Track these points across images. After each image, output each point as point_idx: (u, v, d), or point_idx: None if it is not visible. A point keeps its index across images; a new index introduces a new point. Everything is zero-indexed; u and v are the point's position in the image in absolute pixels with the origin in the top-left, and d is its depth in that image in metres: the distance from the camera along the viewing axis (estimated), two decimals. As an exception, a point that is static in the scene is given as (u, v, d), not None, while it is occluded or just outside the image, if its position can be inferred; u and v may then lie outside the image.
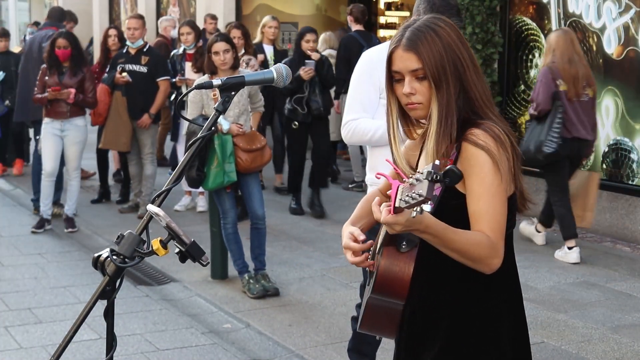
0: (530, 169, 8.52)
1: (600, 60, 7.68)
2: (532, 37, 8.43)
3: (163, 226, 2.18)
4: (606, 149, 7.68)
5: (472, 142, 2.25)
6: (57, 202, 8.55)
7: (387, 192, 2.03)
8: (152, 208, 2.20)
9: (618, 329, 5.36)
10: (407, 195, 1.92)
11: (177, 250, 2.22)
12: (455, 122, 2.28)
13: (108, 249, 2.21)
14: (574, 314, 5.62)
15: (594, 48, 7.74)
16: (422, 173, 1.90)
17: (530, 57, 8.45)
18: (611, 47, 7.57)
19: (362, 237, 2.40)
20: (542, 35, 8.29)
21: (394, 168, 2.17)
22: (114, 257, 2.19)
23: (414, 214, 1.93)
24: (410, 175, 1.97)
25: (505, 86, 8.72)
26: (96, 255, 2.25)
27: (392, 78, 2.37)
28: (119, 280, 2.23)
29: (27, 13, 24.91)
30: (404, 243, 2.25)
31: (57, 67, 7.83)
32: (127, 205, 8.90)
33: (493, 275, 2.28)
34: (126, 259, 2.19)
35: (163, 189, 2.26)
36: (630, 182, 7.49)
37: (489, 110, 2.34)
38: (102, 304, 2.23)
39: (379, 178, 2.16)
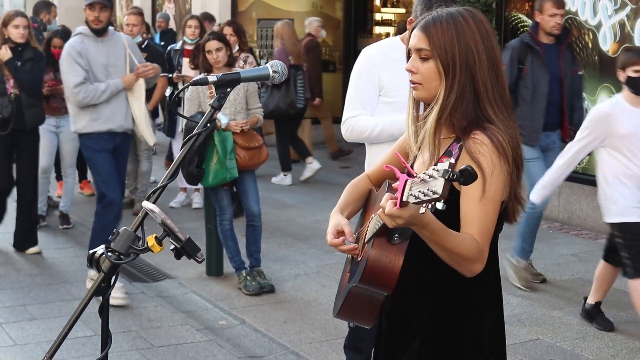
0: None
1: (596, 58, 7.68)
2: (527, 34, 8.42)
3: (158, 223, 2.18)
4: (601, 146, 7.68)
5: (475, 146, 2.26)
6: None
7: (394, 185, 2.02)
8: (147, 205, 2.19)
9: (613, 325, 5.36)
10: (419, 191, 1.92)
11: (172, 246, 2.22)
12: (460, 112, 2.30)
13: (103, 246, 2.21)
14: (569, 310, 5.62)
15: (590, 45, 7.74)
16: (437, 170, 1.90)
17: (526, 54, 8.44)
18: (607, 44, 7.58)
19: (347, 228, 2.45)
20: (537, 32, 8.29)
21: (402, 162, 2.16)
22: (109, 253, 2.18)
23: (423, 210, 1.93)
24: (424, 172, 1.96)
25: (501, 83, 8.70)
26: (91, 251, 2.24)
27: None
28: (114, 277, 2.22)
29: (23, 9, 24.84)
30: (397, 235, 2.25)
31: (53, 64, 7.83)
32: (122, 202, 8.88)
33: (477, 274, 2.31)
34: (121, 256, 2.19)
35: (158, 185, 2.26)
36: (625, 179, 7.49)
37: (490, 109, 2.32)
38: (97, 301, 2.22)
39: (387, 170, 2.17)
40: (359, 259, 2.41)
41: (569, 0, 7.89)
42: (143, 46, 8.56)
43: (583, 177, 7.84)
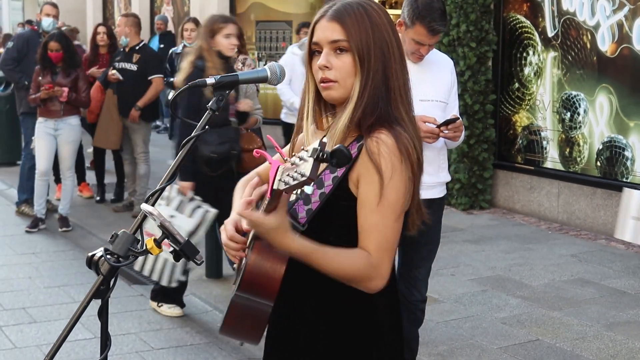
0: (525, 167, 8.53)
1: (594, 58, 7.69)
2: (526, 34, 8.44)
3: (157, 225, 2.18)
4: (600, 147, 7.69)
5: (376, 146, 2.01)
6: (28, 200, 8.54)
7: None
8: (146, 207, 2.19)
9: (612, 326, 5.37)
10: (288, 175, 1.72)
11: (171, 249, 2.21)
12: (373, 110, 2.06)
13: (102, 248, 2.20)
14: (568, 311, 5.62)
15: (588, 46, 7.75)
16: (307, 151, 1.70)
17: (525, 54, 8.45)
18: (605, 44, 7.58)
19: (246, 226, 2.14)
20: (536, 33, 8.30)
21: (275, 147, 1.92)
22: (108, 256, 2.18)
23: (294, 197, 1.75)
24: (293, 154, 1.78)
25: (500, 84, 8.72)
26: (90, 254, 2.23)
27: (313, 53, 2.17)
28: (113, 280, 2.22)
29: (21, 12, 24.84)
30: None
31: (50, 68, 7.84)
32: (121, 204, 8.90)
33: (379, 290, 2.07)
34: (120, 258, 2.19)
35: (157, 187, 2.26)
36: (624, 180, 7.50)
37: (402, 107, 2.10)
38: (96, 303, 2.22)
39: (257, 155, 1.98)
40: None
41: (567, 0, 7.91)
42: (137, 48, 8.59)
43: (582, 178, 7.85)
